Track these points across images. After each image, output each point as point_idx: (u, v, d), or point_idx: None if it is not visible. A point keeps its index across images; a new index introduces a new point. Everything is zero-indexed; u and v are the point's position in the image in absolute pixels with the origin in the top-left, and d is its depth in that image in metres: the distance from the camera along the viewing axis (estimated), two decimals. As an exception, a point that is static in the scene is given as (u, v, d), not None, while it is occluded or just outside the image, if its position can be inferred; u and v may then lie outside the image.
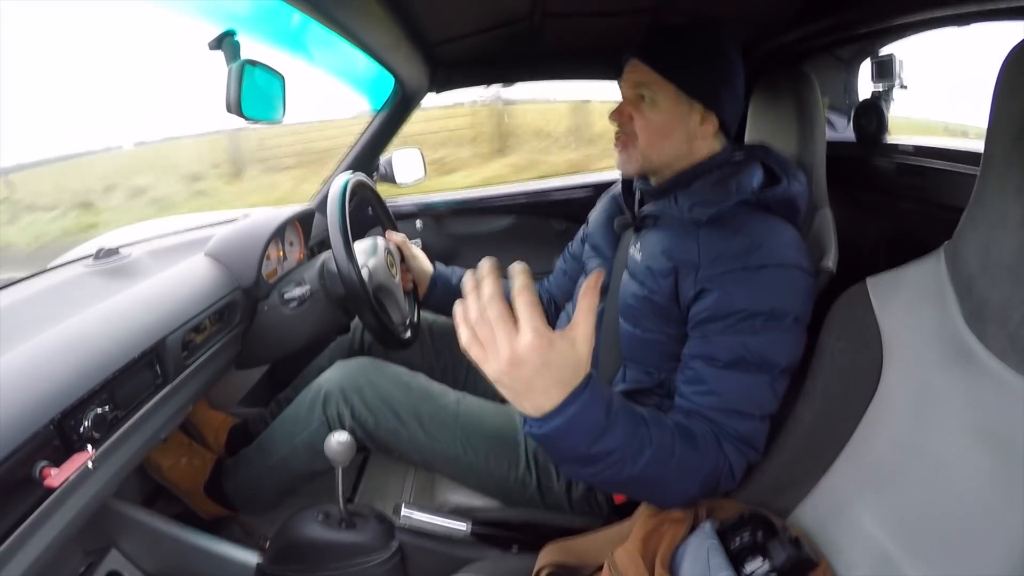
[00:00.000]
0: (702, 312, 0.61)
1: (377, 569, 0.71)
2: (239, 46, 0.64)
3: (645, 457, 0.50)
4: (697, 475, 0.55)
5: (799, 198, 0.67)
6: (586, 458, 0.48)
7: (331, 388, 0.77)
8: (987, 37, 0.72)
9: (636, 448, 0.49)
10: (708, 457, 0.56)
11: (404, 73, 1.01)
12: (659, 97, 0.67)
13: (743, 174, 0.67)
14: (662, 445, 0.52)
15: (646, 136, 0.68)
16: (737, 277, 0.60)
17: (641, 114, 0.68)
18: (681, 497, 0.56)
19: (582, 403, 0.44)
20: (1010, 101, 0.41)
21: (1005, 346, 0.41)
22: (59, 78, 5.33)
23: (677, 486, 0.55)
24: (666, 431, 0.53)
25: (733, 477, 0.58)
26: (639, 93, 0.68)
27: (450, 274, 0.96)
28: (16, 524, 0.43)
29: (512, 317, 0.43)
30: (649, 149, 0.69)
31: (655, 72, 0.67)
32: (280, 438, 0.80)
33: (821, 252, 0.72)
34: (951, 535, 0.42)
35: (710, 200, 0.65)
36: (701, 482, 0.55)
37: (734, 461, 0.58)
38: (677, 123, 0.68)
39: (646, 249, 0.70)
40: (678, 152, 0.70)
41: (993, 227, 0.42)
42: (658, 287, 0.66)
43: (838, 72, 1.07)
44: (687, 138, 0.69)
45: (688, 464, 0.54)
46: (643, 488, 0.55)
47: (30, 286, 0.64)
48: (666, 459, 0.52)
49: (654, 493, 0.56)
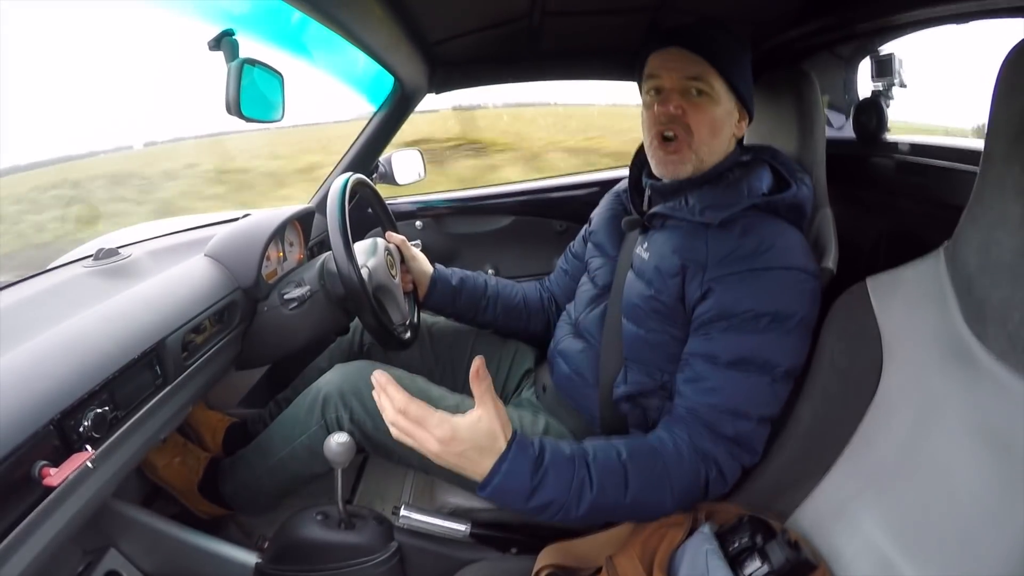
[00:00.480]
0: (707, 312, 0.61)
1: (376, 570, 0.71)
2: (238, 45, 0.64)
3: (588, 499, 0.54)
4: (664, 490, 0.56)
5: (806, 203, 0.67)
6: (532, 511, 0.54)
7: (330, 391, 0.77)
8: (987, 37, 0.72)
9: (575, 494, 0.54)
10: (677, 471, 0.57)
11: (403, 72, 1.01)
12: (714, 90, 0.63)
13: (753, 177, 0.66)
14: (608, 481, 0.55)
15: (703, 132, 0.64)
16: (743, 278, 0.60)
17: (695, 107, 0.64)
18: (655, 512, 0.57)
19: (507, 468, 0.52)
20: (1010, 100, 0.41)
21: (1005, 347, 0.41)
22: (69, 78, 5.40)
23: (643, 508, 0.56)
24: (612, 463, 0.56)
25: (724, 480, 0.58)
26: (694, 86, 0.63)
27: (450, 275, 0.96)
28: (15, 523, 0.43)
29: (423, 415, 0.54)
30: (702, 146, 0.65)
31: (709, 63, 0.63)
32: (279, 440, 0.80)
33: (821, 252, 0.72)
34: (951, 536, 0.41)
35: (721, 203, 0.64)
36: (674, 495, 0.56)
37: (724, 464, 0.57)
38: (727, 118, 0.66)
39: (654, 249, 0.69)
40: (723, 153, 0.67)
41: (993, 226, 0.42)
42: (665, 287, 0.65)
43: (838, 70, 1.07)
44: (731, 138, 0.67)
45: (650, 484, 0.56)
46: (606, 516, 0.57)
47: (30, 286, 0.64)
48: (616, 490, 0.55)
49: (621, 517, 0.58)
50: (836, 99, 1.09)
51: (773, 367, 0.58)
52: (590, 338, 0.78)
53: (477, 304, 0.94)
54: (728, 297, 0.60)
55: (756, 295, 0.59)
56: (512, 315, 0.94)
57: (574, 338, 0.81)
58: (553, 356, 0.85)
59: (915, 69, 0.93)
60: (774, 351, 0.58)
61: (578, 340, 0.80)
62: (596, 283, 0.81)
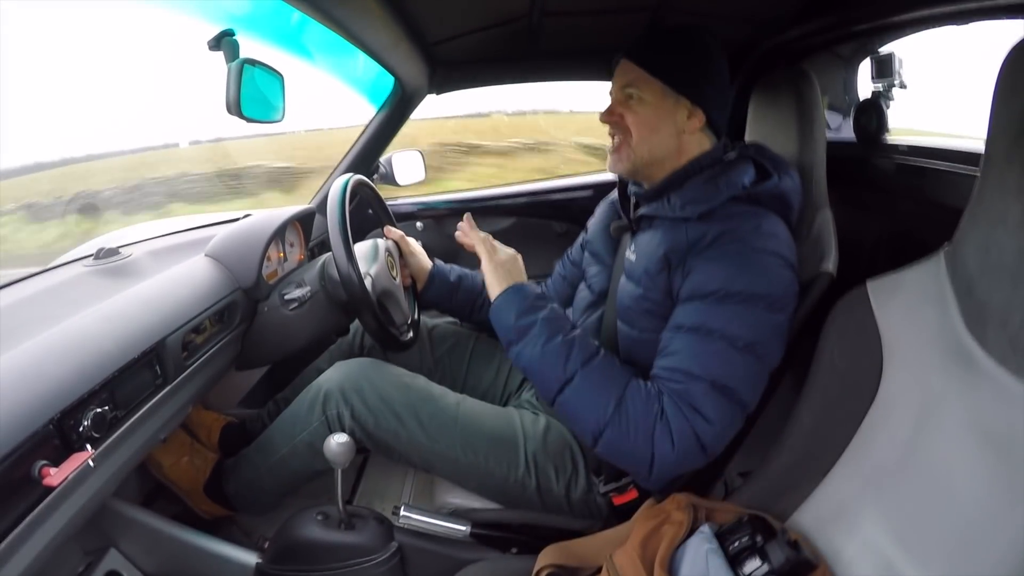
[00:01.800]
0: (683, 291, 0.63)
1: (376, 570, 0.71)
2: (238, 45, 0.64)
3: (554, 343, 0.63)
4: (612, 396, 0.59)
5: (791, 193, 0.68)
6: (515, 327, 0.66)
7: (331, 388, 0.77)
8: (987, 37, 0.72)
9: (548, 332, 0.64)
10: (634, 392, 0.60)
11: (403, 72, 1.01)
12: (645, 93, 0.69)
13: (734, 172, 0.67)
14: (577, 347, 0.63)
15: (636, 131, 0.70)
16: (717, 258, 0.62)
17: (630, 110, 0.70)
18: (594, 412, 0.60)
19: (518, 289, 0.69)
20: (1010, 100, 0.41)
21: (1005, 350, 0.41)
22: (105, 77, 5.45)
23: (589, 394, 0.61)
24: (589, 342, 0.65)
25: (671, 438, 0.57)
26: (627, 92, 0.70)
27: (448, 270, 0.96)
28: (15, 523, 0.43)
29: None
30: (640, 144, 0.70)
31: (642, 69, 0.69)
32: (280, 438, 0.80)
33: (821, 253, 0.72)
34: (951, 538, 0.41)
35: (701, 198, 0.66)
36: (620, 409, 0.59)
37: (673, 420, 0.57)
38: (664, 117, 0.69)
39: (640, 249, 0.71)
40: (668, 148, 0.70)
41: (993, 228, 0.42)
42: (653, 284, 0.67)
43: (838, 70, 1.07)
44: (675, 132, 0.70)
45: (606, 379, 0.61)
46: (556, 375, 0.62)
47: (30, 286, 0.64)
48: (575, 358, 0.62)
49: (568, 392, 0.62)
50: (836, 99, 1.09)
51: (733, 338, 0.58)
52: None
53: (473, 302, 0.95)
54: (701, 276, 0.62)
55: (727, 274, 0.60)
56: None
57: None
58: None
59: (919, 71, 0.93)
60: (738, 324, 0.59)
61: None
62: (593, 289, 0.81)
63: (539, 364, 0.63)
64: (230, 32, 0.64)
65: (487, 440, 0.75)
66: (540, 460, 0.74)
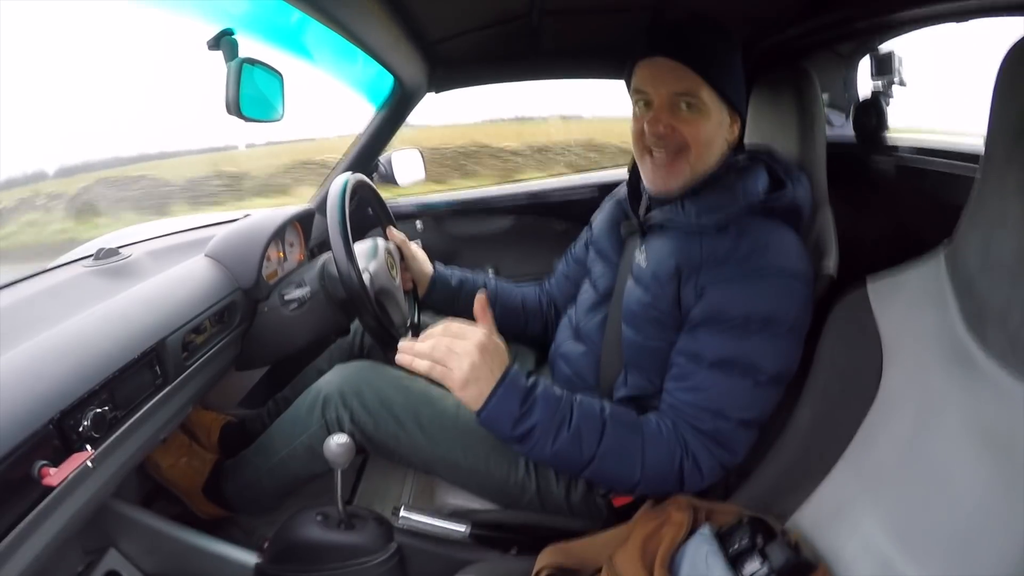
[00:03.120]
0: (698, 313, 0.62)
1: (376, 570, 0.71)
2: (237, 45, 0.64)
3: (563, 437, 0.57)
4: (635, 459, 0.58)
5: (803, 204, 0.67)
6: (517, 436, 0.58)
7: (330, 391, 0.77)
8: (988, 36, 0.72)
9: (555, 426, 0.58)
10: (652, 445, 0.58)
11: (403, 72, 1.01)
12: (703, 103, 0.62)
13: (749, 179, 0.66)
14: (585, 426, 0.58)
15: (696, 146, 0.63)
16: (737, 280, 0.60)
17: (686, 122, 0.62)
18: (622, 477, 0.59)
19: (503, 390, 0.57)
20: (1010, 99, 0.40)
21: (1005, 349, 0.41)
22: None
23: (612, 467, 0.58)
24: (593, 413, 0.60)
25: (700, 473, 0.58)
26: (683, 100, 0.62)
27: (449, 275, 0.95)
28: (15, 523, 0.43)
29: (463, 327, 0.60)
30: (698, 161, 0.63)
31: (698, 75, 0.61)
32: (279, 440, 0.80)
33: (821, 252, 0.72)
34: (951, 538, 0.41)
35: (717, 207, 0.64)
36: (645, 468, 0.58)
37: (701, 457, 0.58)
38: (719, 129, 0.65)
39: (652, 256, 0.69)
40: (718, 162, 0.66)
41: (993, 227, 0.42)
42: (662, 293, 0.65)
43: (838, 68, 1.06)
44: (725, 144, 0.66)
45: (623, 447, 0.58)
46: (574, 464, 0.59)
47: (30, 286, 0.64)
48: (590, 437, 0.58)
49: (590, 473, 0.59)
50: (836, 97, 1.09)
51: (757, 371, 0.58)
52: (591, 342, 0.78)
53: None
54: (720, 299, 0.60)
55: (747, 298, 0.59)
56: (511, 317, 0.94)
57: (575, 341, 0.81)
58: (554, 359, 0.84)
59: (919, 75, 0.92)
60: (760, 355, 0.58)
61: (579, 344, 0.80)
62: (597, 289, 0.80)
63: (554, 461, 0.60)
64: (229, 31, 0.64)
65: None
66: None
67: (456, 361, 0.56)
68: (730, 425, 0.58)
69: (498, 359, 0.58)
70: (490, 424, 0.58)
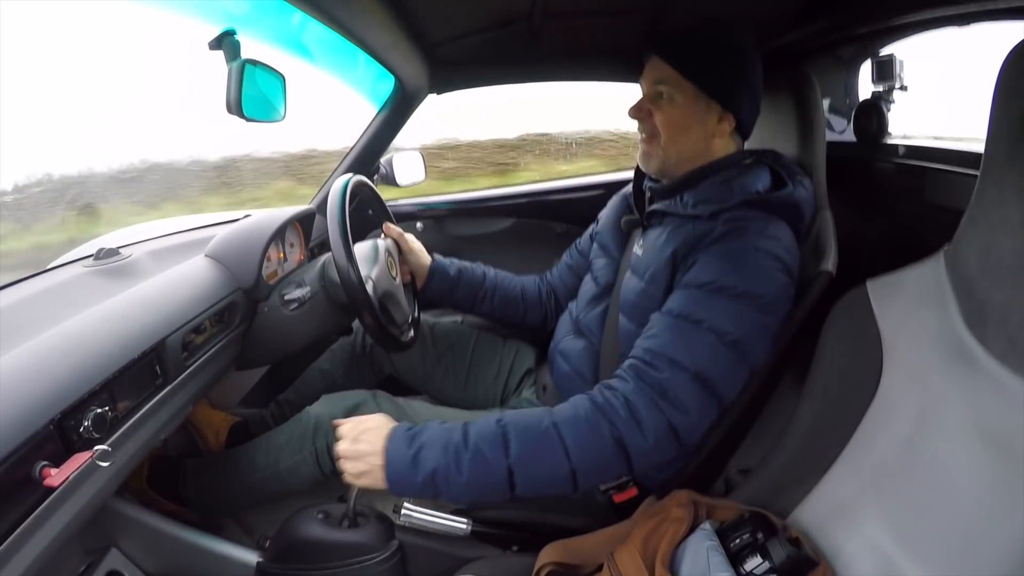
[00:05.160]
0: (680, 281, 0.63)
1: (377, 568, 0.71)
2: (239, 45, 0.64)
3: (465, 462, 0.55)
4: (557, 450, 0.55)
5: (804, 204, 0.68)
6: (421, 488, 0.57)
7: (321, 419, 0.78)
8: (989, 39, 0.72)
9: (452, 458, 0.56)
10: (570, 427, 0.56)
11: (404, 73, 1.01)
12: (677, 94, 0.68)
13: (749, 176, 0.68)
14: (485, 443, 0.56)
15: (665, 131, 0.69)
16: (717, 252, 0.62)
17: (659, 109, 0.69)
18: (556, 476, 0.56)
19: (392, 446, 0.58)
20: (1010, 102, 0.41)
21: (1005, 348, 0.41)
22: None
23: (535, 469, 0.56)
24: (488, 428, 0.57)
25: (642, 433, 0.55)
26: (658, 90, 0.69)
27: (448, 265, 0.96)
28: (16, 524, 0.43)
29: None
30: (669, 144, 0.70)
31: (674, 70, 0.68)
32: (262, 458, 0.80)
33: (821, 254, 0.72)
34: (951, 536, 0.42)
35: (713, 198, 0.66)
36: (571, 453, 0.55)
37: (645, 413, 0.55)
38: (695, 119, 0.69)
39: (648, 245, 0.71)
40: (696, 150, 0.70)
41: (993, 229, 0.42)
42: (656, 281, 0.67)
43: (839, 72, 1.07)
44: (705, 135, 0.69)
45: (537, 443, 0.56)
46: (495, 484, 0.56)
47: (30, 286, 0.63)
48: (495, 452, 0.55)
49: (520, 485, 0.56)
50: (837, 102, 1.09)
51: (722, 332, 0.58)
52: (591, 337, 0.78)
53: (475, 295, 0.95)
54: (700, 268, 0.62)
55: (725, 269, 0.60)
56: (510, 307, 0.95)
57: (575, 337, 0.81)
58: (553, 355, 0.85)
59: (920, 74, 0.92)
60: (727, 318, 0.58)
61: (579, 339, 0.80)
62: (598, 282, 0.81)
63: (477, 492, 0.57)
64: (231, 32, 0.64)
65: None
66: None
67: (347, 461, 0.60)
68: (683, 377, 0.56)
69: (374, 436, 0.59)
70: (398, 483, 0.57)
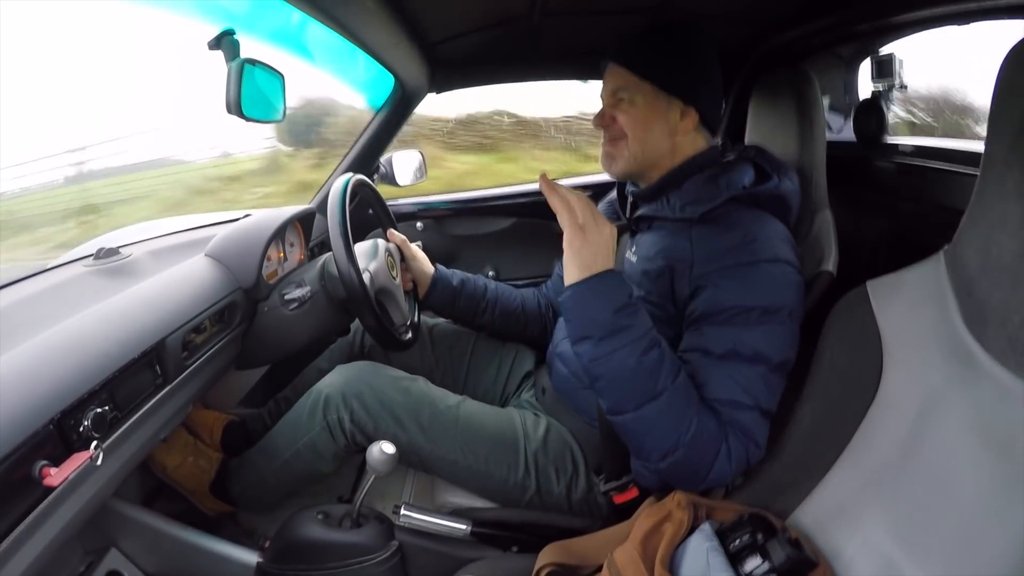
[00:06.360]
0: (697, 308, 0.62)
1: (377, 569, 0.71)
2: (238, 45, 0.64)
3: (651, 356, 0.55)
4: (691, 415, 0.56)
5: (790, 196, 0.68)
6: (608, 325, 0.55)
7: (331, 393, 0.77)
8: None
9: (647, 342, 0.56)
10: (707, 415, 0.57)
11: (403, 72, 1.01)
12: (636, 96, 0.69)
13: (734, 172, 0.68)
14: (668, 360, 0.56)
15: (630, 130, 0.70)
16: (731, 273, 0.61)
17: (622, 112, 0.70)
18: (669, 436, 0.55)
19: (614, 276, 0.56)
20: (1010, 100, 0.41)
21: (1005, 349, 0.41)
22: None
23: (670, 415, 0.55)
24: (673, 358, 0.58)
25: (730, 464, 0.57)
26: (618, 96, 0.70)
27: (450, 276, 0.96)
28: (15, 523, 0.43)
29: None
30: (634, 143, 0.70)
31: (631, 73, 0.69)
32: (283, 442, 0.80)
33: (821, 254, 0.72)
34: (951, 536, 0.42)
35: (701, 198, 0.66)
36: (693, 433, 0.55)
37: (734, 448, 0.57)
38: (656, 117, 0.69)
39: (641, 252, 0.71)
40: (662, 148, 0.70)
41: (993, 228, 0.42)
42: (654, 288, 0.66)
43: (838, 71, 1.07)
44: (668, 132, 0.70)
45: (686, 400, 0.56)
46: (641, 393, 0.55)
47: (30, 286, 0.64)
48: (667, 374, 0.56)
49: (648, 412, 0.55)
50: (836, 100, 1.09)
51: (766, 359, 0.59)
52: None
53: (476, 307, 0.95)
54: (717, 292, 0.61)
55: (745, 289, 0.60)
56: (510, 319, 0.95)
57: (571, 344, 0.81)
58: (552, 359, 0.85)
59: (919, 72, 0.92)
60: (765, 343, 0.59)
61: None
62: None
63: (631, 373, 0.55)
64: (230, 32, 0.64)
65: (487, 442, 0.75)
66: (540, 462, 0.74)
67: (592, 223, 0.56)
68: (752, 415, 0.58)
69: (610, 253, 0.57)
70: (590, 295, 0.55)
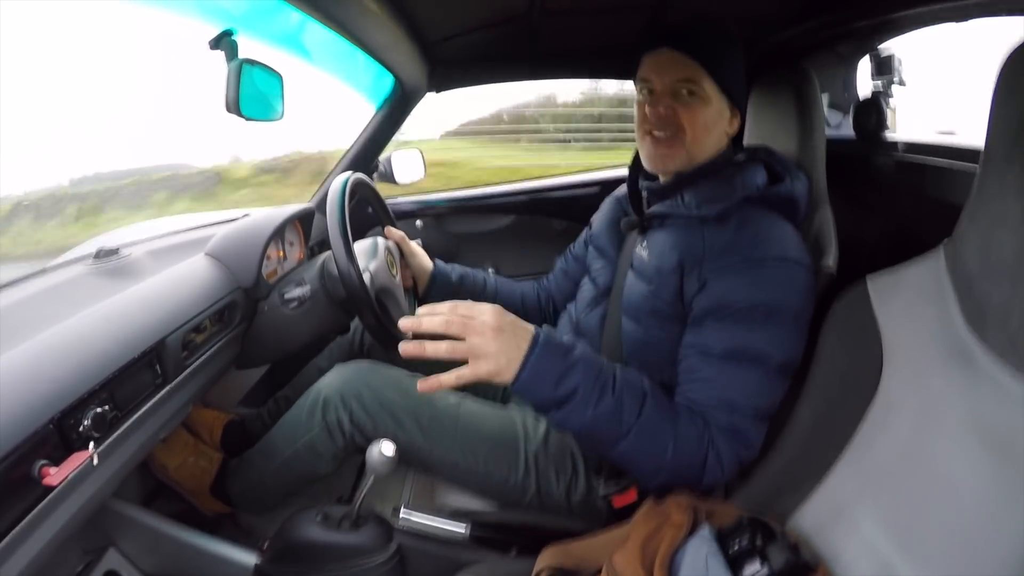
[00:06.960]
0: (702, 304, 0.62)
1: (376, 571, 0.71)
2: (237, 45, 0.65)
3: (606, 402, 0.54)
4: (668, 438, 0.56)
5: (800, 198, 0.68)
6: (557, 398, 0.54)
7: (330, 393, 0.77)
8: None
9: (597, 389, 0.54)
10: (685, 427, 0.57)
11: (403, 71, 1.01)
12: (707, 92, 0.65)
13: (747, 172, 0.67)
14: (627, 395, 0.56)
15: (694, 131, 0.66)
16: (738, 270, 0.60)
17: (687, 107, 0.66)
18: (653, 455, 0.56)
19: (540, 349, 0.54)
20: (1010, 98, 0.40)
21: (1005, 347, 0.41)
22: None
23: (646, 442, 0.56)
24: (635, 383, 0.57)
25: (721, 468, 0.57)
26: (687, 88, 0.65)
27: (449, 271, 0.96)
28: (15, 523, 0.43)
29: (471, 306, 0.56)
30: (694, 145, 0.67)
31: (700, 65, 0.65)
32: (282, 442, 0.80)
33: (821, 251, 0.72)
34: (951, 537, 0.41)
35: (717, 196, 0.65)
36: (675, 448, 0.56)
37: (723, 452, 0.57)
38: (719, 118, 0.68)
39: (654, 248, 0.70)
40: (714, 150, 0.69)
41: (993, 225, 0.42)
42: (664, 285, 0.66)
43: (838, 69, 1.06)
44: (722, 135, 0.69)
45: (660, 423, 0.56)
46: (610, 434, 0.56)
47: (30, 286, 0.64)
48: (631, 406, 0.55)
49: (623, 447, 0.56)
50: (836, 98, 1.09)
51: (767, 359, 0.58)
52: (590, 337, 0.78)
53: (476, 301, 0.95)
54: (723, 288, 0.60)
55: (751, 286, 0.59)
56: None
57: (574, 337, 0.81)
58: None
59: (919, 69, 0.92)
60: (768, 343, 0.58)
61: (578, 339, 0.80)
62: (597, 284, 0.81)
63: (591, 428, 0.55)
64: (230, 32, 0.64)
65: (487, 442, 0.75)
66: (540, 463, 0.74)
67: (478, 336, 0.52)
68: (746, 418, 0.58)
69: (519, 327, 0.55)
70: (530, 386, 0.53)
